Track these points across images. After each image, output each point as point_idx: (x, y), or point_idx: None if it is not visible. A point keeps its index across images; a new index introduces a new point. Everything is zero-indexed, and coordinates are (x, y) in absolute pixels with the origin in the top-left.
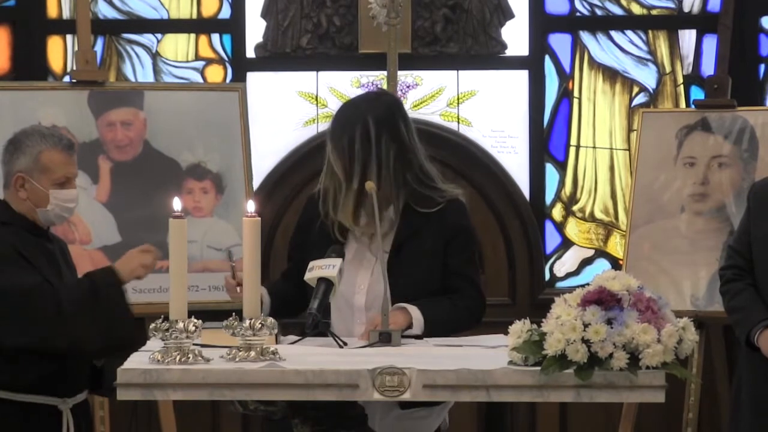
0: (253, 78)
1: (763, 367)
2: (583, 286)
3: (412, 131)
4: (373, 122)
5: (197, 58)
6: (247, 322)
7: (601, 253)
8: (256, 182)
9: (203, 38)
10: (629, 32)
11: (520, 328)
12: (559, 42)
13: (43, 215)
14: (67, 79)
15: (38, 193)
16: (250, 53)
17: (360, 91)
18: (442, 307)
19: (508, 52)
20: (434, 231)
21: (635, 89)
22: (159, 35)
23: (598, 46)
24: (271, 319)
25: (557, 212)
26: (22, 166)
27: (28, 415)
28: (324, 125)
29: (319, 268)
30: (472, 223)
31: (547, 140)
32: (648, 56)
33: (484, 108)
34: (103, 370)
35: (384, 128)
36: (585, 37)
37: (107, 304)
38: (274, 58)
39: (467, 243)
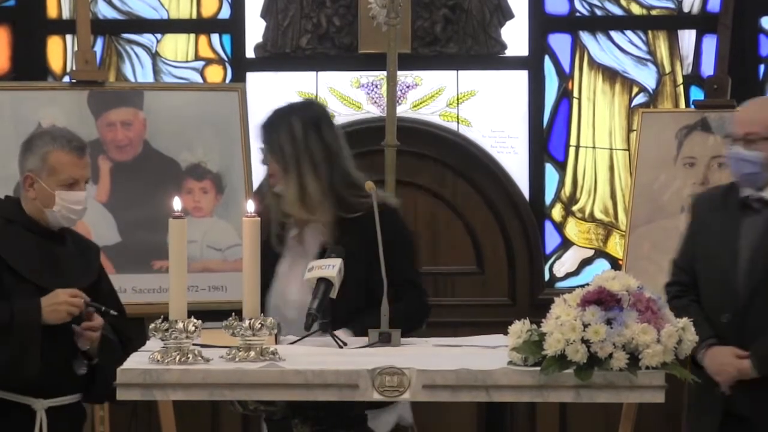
0: (253, 78)
1: (707, 384)
2: (582, 286)
3: (339, 137)
4: (299, 123)
5: (197, 58)
6: (247, 322)
7: (600, 253)
8: (256, 182)
9: (203, 38)
10: (629, 32)
11: (519, 328)
12: (559, 42)
13: (51, 216)
14: (66, 79)
15: (45, 193)
16: (250, 53)
17: (360, 91)
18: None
19: (508, 53)
20: (364, 240)
21: (635, 89)
22: (159, 35)
23: (597, 47)
24: (270, 319)
25: (557, 212)
26: (32, 166)
27: (0, 412)
28: None
29: (319, 268)
30: (406, 226)
31: (547, 140)
32: (648, 56)
33: (483, 108)
34: (95, 376)
35: (310, 128)
36: (585, 37)
37: (19, 339)
38: (273, 58)
39: (403, 249)
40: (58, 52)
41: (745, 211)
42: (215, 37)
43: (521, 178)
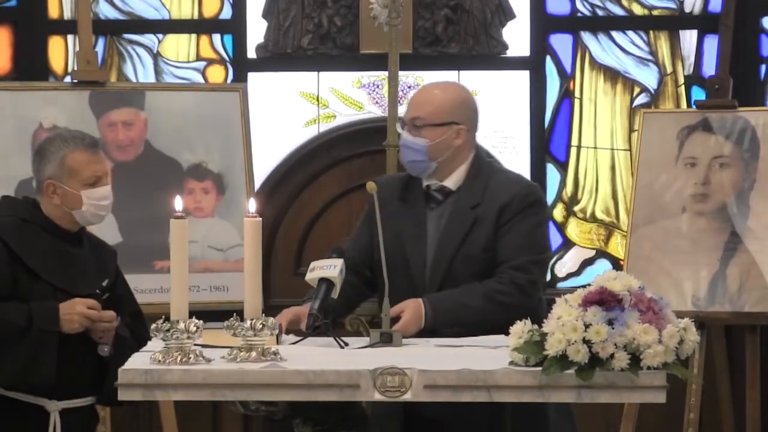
0: (254, 78)
1: None
2: (584, 286)
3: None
4: None
5: (198, 58)
6: (248, 322)
7: (602, 253)
8: (257, 182)
9: (204, 38)
10: (630, 32)
11: (521, 328)
12: (560, 42)
13: (80, 216)
14: (68, 79)
15: (70, 196)
16: (251, 53)
17: (361, 92)
18: None
19: (509, 53)
20: None
21: (636, 90)
22: (160, 35)
23: (599, 47)
24: (272, 320)
25: (558, 212)
26: (50, 173)
27: (14, 413)
28: (325, 125)
29: (320, 269)
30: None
31: (548, 141)
32: (649, 56)
33: (485, 108)
34: (108, 375)
35: None
36: (586, 37)
37: (35, 345)
38: (275, 58)
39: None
40: (59, 52)
41: (428, 203)
42: (216, 38)
43: None
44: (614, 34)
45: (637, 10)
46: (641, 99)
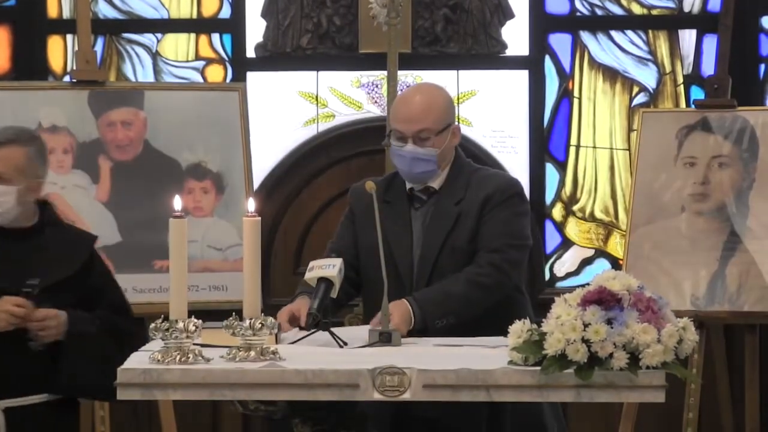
0: (254, 78)
1: None
2: (583, 286)
3: None
4: None
5: (197, 57)
6: (247, 321)
7: (601, 252)
8: (256, 182)
9: (203, 38)
10: (629, 32)
11: (520, 328)
12: (560, 42)
13: None
14: (67, 78)
15: None
16: (251, 53)
17: (361, 91)
18: None
19: (509, 52)
20: None
21: (635, 89)
22: (159, 35)
23: (598, 46)
24: (271, 319)
25: (557, 212)
26: None
27: None
28: (324, 125)
29: (319, 268)
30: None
31: (548, 140)
32: (648, 56)
33: (484, 108)
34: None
35: None
36: (585, 36)
37: None
38: (274, 57)
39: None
40: (58, 51)
41: (412, 203)
42: (216, 37)
43: (522, 178)
44: (613, 33)
45: (636, 9)
46: (640, 98)
